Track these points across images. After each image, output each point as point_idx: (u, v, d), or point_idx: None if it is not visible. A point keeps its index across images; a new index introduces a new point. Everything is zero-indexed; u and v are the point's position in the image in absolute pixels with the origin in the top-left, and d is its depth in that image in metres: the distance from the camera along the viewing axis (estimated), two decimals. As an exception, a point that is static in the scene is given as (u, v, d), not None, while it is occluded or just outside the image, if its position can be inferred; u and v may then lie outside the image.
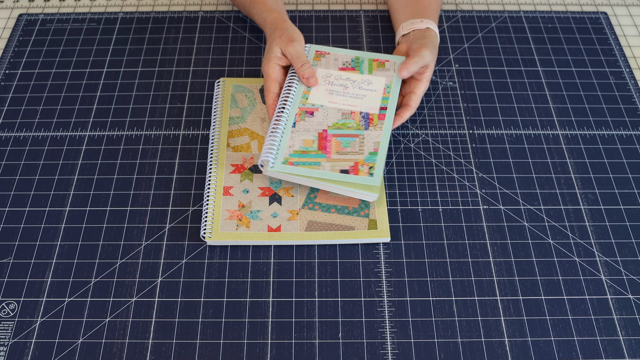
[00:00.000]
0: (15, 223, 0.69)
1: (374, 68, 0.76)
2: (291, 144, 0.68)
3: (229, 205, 0.69)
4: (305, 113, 0.71)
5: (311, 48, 0.78)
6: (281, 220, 0.68)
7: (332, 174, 0.66)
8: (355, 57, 0.78)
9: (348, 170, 0.67)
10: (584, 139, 0.77)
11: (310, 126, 0.70)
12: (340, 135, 0.70)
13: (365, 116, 0.72)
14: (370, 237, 0.67)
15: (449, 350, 0.60)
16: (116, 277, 0.65)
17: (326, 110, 0.72)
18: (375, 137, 0.70)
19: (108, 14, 0.92)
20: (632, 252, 0.67)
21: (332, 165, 0.67)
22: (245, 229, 0.67)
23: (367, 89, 0.74)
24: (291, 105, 0.72)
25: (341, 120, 0.71)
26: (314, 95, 0.73)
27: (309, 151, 0.68)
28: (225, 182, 0.70)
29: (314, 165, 0.67)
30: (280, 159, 0.67)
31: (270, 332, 0.61)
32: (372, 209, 0.69)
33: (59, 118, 0.79)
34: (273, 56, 0.74)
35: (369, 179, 0.66)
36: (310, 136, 0.69)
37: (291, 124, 0.70)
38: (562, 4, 0.95)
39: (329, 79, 0.75)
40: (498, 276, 0.65)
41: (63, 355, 0.60)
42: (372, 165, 0.67)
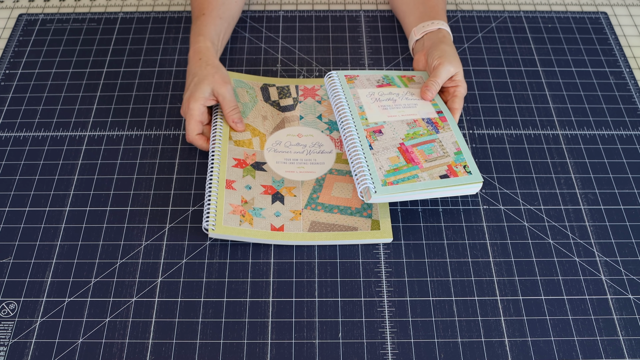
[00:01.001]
0: (15, 223, 0.69)
1: (406, 82, 0.76)
2: (379, 165, 0.67)
3: (232, 200, 0.68)
4: (374, 132, 0.70)
5: (339, 74, 0.76)
6: (284, 219, 0.67)
7: (434, 182, 0.66)
8: (384, 75, 0.77)
9: (447, 174, 0.66)
10: (584, 139, 0.77)
11: (386, 143, 0.69)
12: (419, 143, 0.69)
13: (429, 121, 0.71)
14: (373, 238, 0.67)
15: (449, 350, 0.60)
16: (116, 277, 0.65)
17: (391, 125, 0.71)
18: (449, 138, 0.70)
19: (108, 14, 0.92)
20: (632, 252, 0.67)
21: (430, 173, 0.66)
22: (248, 225, 0.66)
23: (413, 99, 0.74)
24: (356, 129, 0.70)
25: (411, 130, 0.70)
26: (371, 115, 0.72)
27: (400, 167, 0.67)
28: (227, 175, 0.70)
29: (413, 179, 0.66)
30: (379, 182, 0.65)
31: (270, 332, 0.61)
32: (375, 209, 0.69)
33: (59, 118, 0.79)
34: (201, 96, 0.71)
35: (470, 177, 0.66)
36: (392, 153, 0.68)
37: (368, 147, 0.68)
38: (562, 4, 0.95)
39: (373, 96, 0.74)
40: (498, 276, 0.65)
41: (63, 355, 0.60)
42: (464, 164, 0.67)
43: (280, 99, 0.79)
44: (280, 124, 0.77)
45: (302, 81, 0.82)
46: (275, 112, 0.78)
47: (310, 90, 0.81)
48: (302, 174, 0.72)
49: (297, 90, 0.81)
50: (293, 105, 0.79)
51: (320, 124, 0.77)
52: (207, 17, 0.78)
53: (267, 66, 0.85)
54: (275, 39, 0.88)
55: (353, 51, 0.87)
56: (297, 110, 0.78)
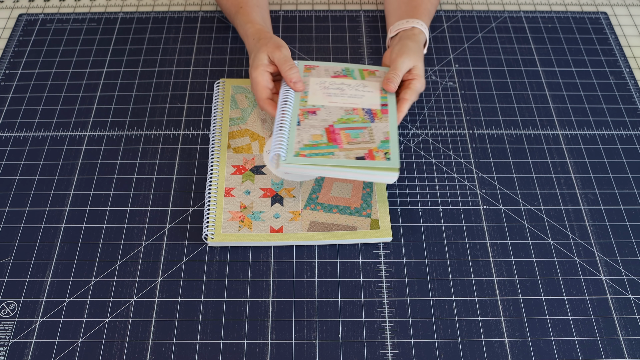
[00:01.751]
0: (15, 223, 0.69)
1: (365, 76, 0.76)
2: (300, 139, 0.67)
3: (231, 207, 0.69)
4: (308, 113, 0.70)
5: (299, 63, 0.77)
6: (283, 221, 0.68)
7: (347, 161, 0.65)
8: (345, 67, 0.77)
9: (364, 157, 0.65)
10: (584, 139, 0.77)
11: (316, 122, 0.69)
12: (348, 128, 0.69)
13: (368, 111, 0.71)
14: (373, 237, 0.67)
15: (449, 350, 0.60)
16: (116, 277, 0.65)
17: (328, 109, 0.71)
18: (383, 128, 0.69)
19: (108, 14, 0.92)
20: (632, 252, 0.67)
21: (347, 153, 0.66)
22: (247, 230, 0.67)
23: (363, 91, 0.74)
24: (291, 106, 0.71)
25: (345, 116, 0.70)
26: (312, 98, 0.72)
27: (320, 144, 0.67)
28: (226, 184, 0.70)
29: (328, 155, 0.65)
30: (292, 152, 0.65)
31: (270, 332, 0.61)
32: (374, 208, 0.69)
33: (59, 118, 0.79)
34: (260, 64, 0.73)
35: (387, 162, 0.65)
36: (317, 131, 0.68)
37: (295, 123, 0.69)
38: (562, 4, 0.95)
39: (323, 84, 0.74)
40: (498, 276, 0.65)
41: (63, 355, 0.60)
42: (386, 151, 0.66)
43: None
44: None
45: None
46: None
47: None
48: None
49: None
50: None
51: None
52: (245, 8, 0.81)
53: (267, 66, 0.85)
54: (275, 39, 0.88)
55: (353, 51, 0.87)
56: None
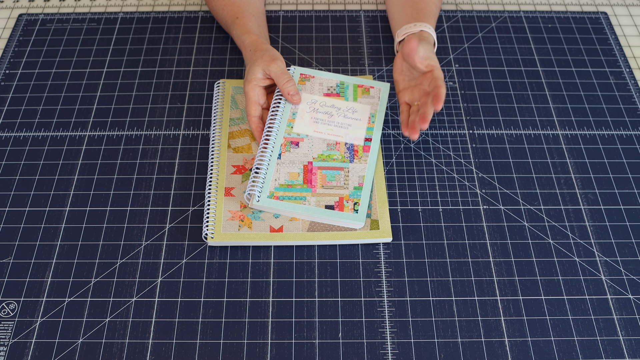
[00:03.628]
0: (15, 223, 0.69)
1: (358, 95, 0.76)
2: (277, 176, 0.68)
3: (231, 206, 0.69)
4: (291, 144, 0.71)
5: (296, 70, 0.77)
6: (283, 220, 0.68)
7: (317, 209, 0.67)
8: (340, 82, 0.77)
9: (333, 206, 0.67)
10: (584, 139, 0.77)
11: (296, 157, 0.70)
12: (326, 167, 0.70)
13: (350, 148, 0.72)
14: (372, 237, 0.67)
15: (449, 350, 0.60)
16: (116, 277, 0.65)
17: (311, 140, 0.72)
18: (360, 170, 0.70)
19: (108, 14, 0.92)
20: (632, 252, 0.67)
21: (318, 200, 0.67)
22: (247, 229, 0.67)
23: (352, 118, 0.74)
24: (276, 134, 0.71)
25: (326, 152, 0.71)
26: (299, 124, 0.73)
27: (295, 185, 0.68)
28: (226, 183, 0.70)
29: (300, 200, 0.67)
30: (266, 192, 0.67)
31: (270, 332, 0.61)
32: (374, 209, 0.69)
33: (59, 118, 0.79)
34: (253, 77, 0.72)
35: (354, 216, 0.67)
36: (295, 168, 0.69)
37: (276, 156, 0.70)
38: (562, 4, 0.95)
39: (313, 105, 0.74)
40: (498, 276, 0.65)
41: (63, 355, 0.60)
42: (356, 202, 0.68)
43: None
44: None
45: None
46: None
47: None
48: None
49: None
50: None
51: None
52: (241, 19, 0.80)
53: (267, 66, 0.85)
54: (275, 39, 0.88)
55: (353, 51, 0.87)
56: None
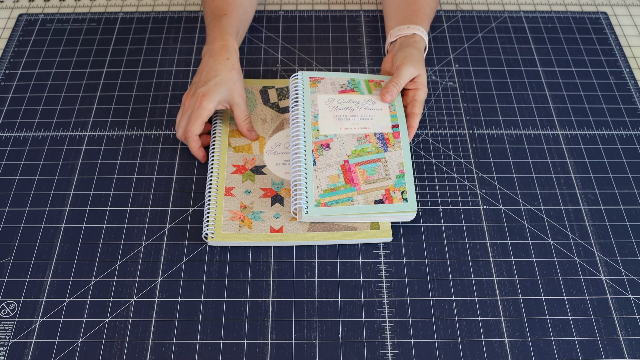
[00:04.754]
0: (15, 223, 0.69)
1: (372, 88, 0.76)
2: (318, 183, 0.67)
3: (231, 206, 0.68)
4: (322, 147, 0.70)
5: (304, 75, 0.76)
6: (283, 221, 0.67)
7: (367, 207, 0.66)
8: (350, 79, 0.77)
9: (382, 200, 0.66)
10: (584, 139, 0.77)
11: (331, 159, 0.69)
12: (363, 162, 0.69)
13: (380, 137, 0.71)
14: (373, 237, 0.66)
15: (449, 350, 0.60)
16: (116, 277, 0.65)
17: (341, 138, 0.71)
18: (397, 158, 0.70)
19: (108, 14, 0.92)
20: (632, 252, 0.67)
21: (365, 197, 0.67)
22: (247, 230, 0.67)
23: (372, 109, 0.74)
24: (304, 141, 0.70)
25: (359, 147, 0.70)
26: (324, 126, 0.72)
27: (338, 187, 0.67)
28: (227, 183, 0.70)
29: (348, 202, 0.66)
30: (312, 202, 0.66)
31: (270, 332, 0.61)
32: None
33: (59, 118, 0.79)
34: (217, 99, 0.70)
35: (405, 205, 0.66)
36: (333, 171, 0.68)
37: (311, 163, 0.69)
38: (562, 4, 0.95)
39: (332, 103, 0.74)
40: (498, 276, 0.65)
41: (63, 355, 0.60)
42: (403, 190, 0.67)
43: (280, 100, 0.79)
44: (280, 125, 0.77)
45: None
46: (275, 114, 0.78)
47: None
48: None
49: None
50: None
51: None
52: (229, 17, 0.77)
53: (267, 66, 0.85)
54: (275, 39, 0.88)
55: (353, 51, 0.87)
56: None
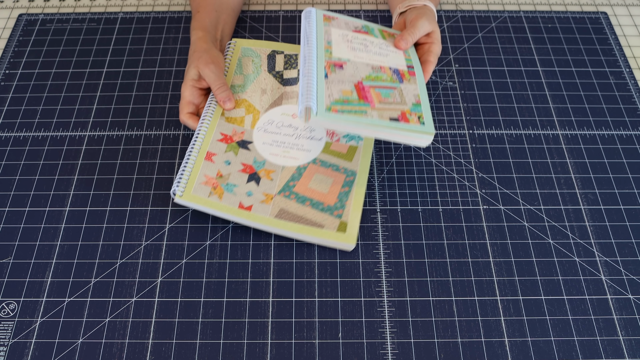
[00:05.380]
0: (15, 223, 0.69)
1: (386, 37, 0.75)
2: (329, 93, 0.63)
3: (208, 171, 0.68)
4: (334, 66, 0.66)
5: (318, 12, 0.75)
6: (254, 200, 0.66)
7: (382, 121, 0.62)
8: (364, 24, 0.75)
9: (397, 118, 0.63)
10: (584, 139, 0.77)
11: (344, 77, 0.65)
12: (378, 86, 0.66)
13: (396, 71, 0.68)
14: (336, 240, 0.65)
15: (449, 350, 0.60)
16: (116, 277, 0.65)
17: (354, 64, 0.68)
18: (412, 90, 0.67)
19: (108, 14, 0.92)
20: (632, 252, 0.67)
21: (380, 113, 0.63)
22: (217, 198, 0.66)
23: (387, 50, 0.72)
24: (316, 56, 0.67)
25: (373, 74, 0.67)
26: (337, 50, 0.68)
27: (351, 100, 0.64)
28: (210, 148, 0.70)
29: (361, 114, 0.62)
30: (323, 106, 0.62)
31: (270, 332, 0.61)
32: (347, 210, 0.67)
33: (59, 118, 0.79)
34: (189, 79, 0.74)
35: (422, 127, 0.63)
36: (347, 87, 0.64)
37: (323, 75, 0.65)
38: (562, 4, 0.95)
39: (346, 37, 0.71)
40: (498, 276, 0.65)
41: (63, 355, 0.60)
42: (419, 115, 0.64)
43: (285, 69, 0.78)
44: (278, 100, 0.75)
45: None
46: (276, 86, 0.76)
47: None
48: (286, 158, 0.70)
49: None
50: (296, 79, 0.77)
51: None
52: (201, 13, 0.80)
53: (267, 66, 0.85)
54: (275, 39, 0.88)
55: (353, 51, 0.87)
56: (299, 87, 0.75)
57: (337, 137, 0.72)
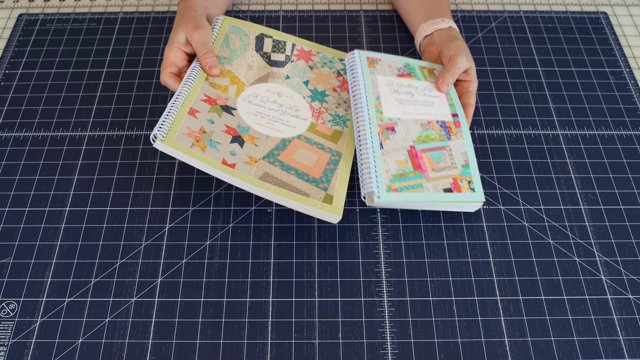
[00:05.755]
0: (15, 223, 0.69)
1: (427, 75, 0.75)
2: (387, 168, 0.66)
3: (191, 125, 0.65)
4: (387, 130, 0.68)
5: (361, 54, 0.74)
6: (238, 160, 0.65)
7: (437, 195, 0.65)
8: (406, 63, 0.76)
9: (451, 188, 0.66)
10: (584, 139, 0.77)
11: (397, 144, 0.68)
12: (429, 149, 0.68)
13: (443, 125, 0.71)
14: (323, 210, 0.63)
15: (449, 350, 0.60)
16: (116, 277, 0.65)
17: (405, 123, 0.70)
18: (460, 146, 0.70)
19: (108, 14, 0.92)
20: (632, 252, 0.67)
21: (434, 185, 0.66)
22: (199, 150, 0.64)
23: (431, 96, 0.73)
24: (369, 122, 0.68)
25: (423, 133, 0.70)
26: (387, 108, 0.70)
27: (407, 173, 0.66)
28: (193, 105, 0.68)
29: (418, 189, 0.65)
30: (383, 187, 0.65)
31: (270, 332, 0.61)
32: (332, 184, 0.66)
33: (59, 118, 0.79)
34: (175, 41, 0.71)
35: (473, 195, 0.66)
36: (401, 156, 0.67)
37: (378, 146, 0.67)
38: (562, 4, 0.95)
39: (392, 86, 0.72)
40: (498, 276, 0.65)
41: (63, 355, 0.60)
42: (469, 180, 0.67)
43: (273, 52, 0.77)
44: (264, 77, 0.74)
45: (301, 41, 0.80)
46: (263, 64, 0.75)
47: (306, 53, 0.79)
48: (270, 130, 0.69)
49: (293, 48, 0.78)
50: (284, 62, 0.76)
51: (305, 89, 0.74)
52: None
53: (267, 66, 0.85)
54: (275, 39, 0.88)
55: (353, 51, 0.87)
56: (286, 69, 0.75)
57: (322, 120, 0.72)
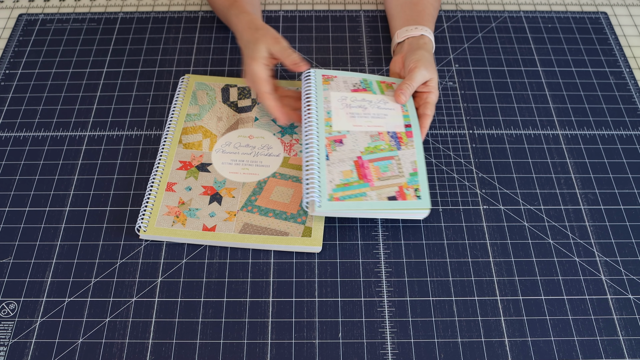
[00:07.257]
0: (15, 223, 0.69)
1: (384, 89, 0.75)
2: (331, 178, 0.67)
3: (169, 201, 0.69)
4: (335, 142, 0.70)
5: (317, 73, 0.76)
6: (217, 220, 0.67)
7: (380, 202, 0.65)
8: (362, 79, 0.76)
9: (395, 197, 0.66)
10: (584, 139, 0.77)
11: (344, 155, 0.69)
12: (376, 159, 0.69)
13: (393, 135, 0.71)
14: (303, 245, 0.66)
15: (449, 350, 0.60)
16: (116, 277, 0.65)
17: (354, 135, 0.70)
18: (410, 156, 0.69)
19: (108, 14, 0.92)
20: (632, 252, 0.67)
21: (378, 193, 0.66)
22: (180, 226, 0.67)
23: (385, 108, 0.73)
24: (317, 136, 0.70)
25: (372, 143, 0.70)
26: (336, 122, 0.71)
27: (351, 182, 0.67)
28: (170, 178, 0.71)
29: (361, 197, 0.65)
30: (325, 196, 0.65)
31: (270, 332, 0.61)
32: (310, 216, 0.68)
33: (59, 118, 0.79)
34: (260, 56, 0.72)
35: (418, 203, 0.66)
36: (347, 166, 0.68)
37: (324, 157, 0.68)
38: (562, 4, 0.95)
39: (345, 101, 0.73)
40: (498, 276, 0.65)
41: (63, 355, 0.60)
42: (416, 187, 0.67)
43: (239, 99, 0.79)
44: (234, 125, 0.76)
45: None
46: (231, 113, 0.78)
47: None
48: (246, 175, 0.71)
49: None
50: (251, 106, 0.79)
51: (274, 126, 0.76)
52: (239, 2, 0.80)
53: (267, 66, 0.85)
54: (275, 39, 0.88)
55: (353, 51, 0.87)
56: (254, 112, 0.78)
57: (294, 152, 0.74)
